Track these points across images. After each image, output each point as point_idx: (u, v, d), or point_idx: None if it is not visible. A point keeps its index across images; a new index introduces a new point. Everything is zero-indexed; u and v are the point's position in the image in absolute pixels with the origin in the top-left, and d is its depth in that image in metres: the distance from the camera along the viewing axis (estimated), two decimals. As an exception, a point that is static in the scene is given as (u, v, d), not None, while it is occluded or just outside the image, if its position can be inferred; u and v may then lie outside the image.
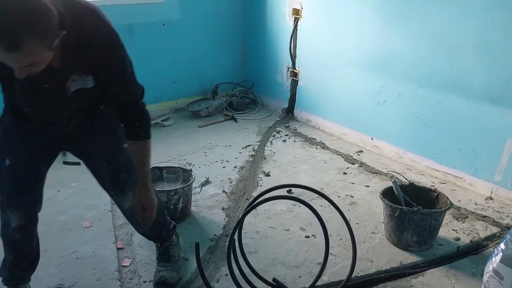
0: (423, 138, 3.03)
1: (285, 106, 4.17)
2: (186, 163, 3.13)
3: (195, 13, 4.08)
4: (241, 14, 4.39)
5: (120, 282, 1.98)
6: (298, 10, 3.77)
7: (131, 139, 1.57)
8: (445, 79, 2.82)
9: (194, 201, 2.61)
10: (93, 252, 2.17)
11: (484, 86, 2.62)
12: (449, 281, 2.02)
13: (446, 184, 2.89)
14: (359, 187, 2.86)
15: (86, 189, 2.73)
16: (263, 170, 3.07)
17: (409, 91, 3.05)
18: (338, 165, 3.17)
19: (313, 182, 2.91)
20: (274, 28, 4.10)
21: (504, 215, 2.54)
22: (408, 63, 3.01)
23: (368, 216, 2.54)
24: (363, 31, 3.27)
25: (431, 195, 2.31)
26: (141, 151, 1.58)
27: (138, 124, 1.55)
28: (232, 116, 4.09)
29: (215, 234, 2.34)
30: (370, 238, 2.34)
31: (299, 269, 2.09)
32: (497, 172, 2.66)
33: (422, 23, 2.86)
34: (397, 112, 3.17)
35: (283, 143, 3.56)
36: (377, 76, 3.25)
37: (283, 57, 4.07)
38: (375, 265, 2.13)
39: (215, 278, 2.01)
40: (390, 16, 3.06)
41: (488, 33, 2.55)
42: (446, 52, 2.77)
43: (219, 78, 4.39)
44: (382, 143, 3.33)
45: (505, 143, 2.59)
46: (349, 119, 3.56)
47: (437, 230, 2.21)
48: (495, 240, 2.32)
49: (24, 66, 1.16)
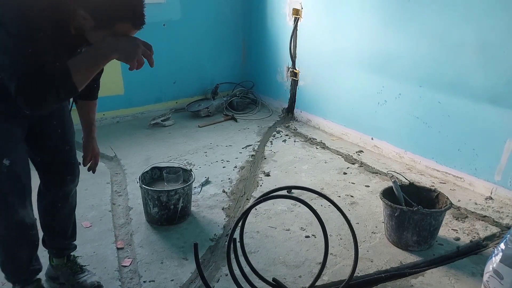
0: (423, 138, 3.04)
1: (285, 106, 4.17)
2: (186, 163, 3.13)
3: (195, 14, 4.09)
4: (241, 14, 4.40)
5: (120, 282, 1.99)
6: (298, 10, 3.77)
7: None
8: (445, 79, 2.82)
9: (194, 201, 2.61)
10: (94, 252, 2.17)
11: (484, 86, 2.62)
12: (449, 281, 2.02)
13: (446, 184, 2.90)
14: (359, 187, 2.86)
15: (87, 189, 2.73)
16: (263, 170, 3.08)
17: (410, 91, 3.05)
18: (338, 165, 3.17)
19: (314, 182, 2.91)
20: (274, 28, 4.11)
21: (504, 215, 2.54)
22: (409, 63, 3.01)
23: (368, 216, 2.54)
24: (363, 31, 3.27)
25: (431, 195, 2.32)
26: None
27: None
28: (232, 116, 4.10)
29: (215, 234, 2.34)
30: (370, 238, 2.34)
31: (299, 269, 2.09)
32: (497, 172, 2.67)
33: (422, 23, 2.87)
34: (397, 112, 3.17)
35: (284, 143, 3.56)
36: (377, 76, 3.25)
37: (283, 57, 4.07)
38: (375, 265, 2.13)
39: (215, 278, 2.01)
40: (390, 16, 3.06)
41: (488, 34, 2.55)
42: (446, 52, 2.77)
43: (219, 78, 4.40)
44: (382, 143, 3.34)
45: (504, 143, 2.59)
46: (350, 119, 3.57)
47: (437, 230, 2.21)
48: (495, 240, 2.32)
49: None
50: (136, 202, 2.61)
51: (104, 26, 1.32)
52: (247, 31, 4.44)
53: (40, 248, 1.77)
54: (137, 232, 2.34)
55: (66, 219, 1.89)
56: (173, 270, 2.07)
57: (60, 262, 1.94)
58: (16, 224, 1.57)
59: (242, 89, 4.47)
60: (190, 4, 4.02)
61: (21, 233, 1.62)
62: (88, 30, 1.34)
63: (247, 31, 4.44)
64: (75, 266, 1.95)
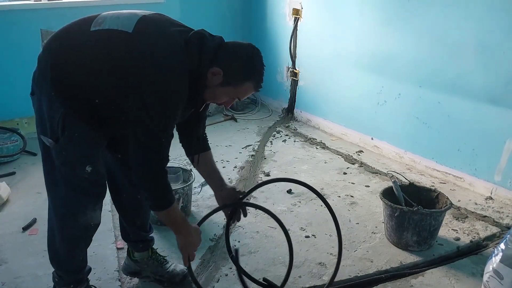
0: (423, 138, 3.03)
1: (285, 106, 4.17)
2: (186, 163, 3.13)
3: (195, 13, 4.08)
4: (241, 14, 4.39)
5: (120, 282, 1.99)
6: (298, 10, 3.77)
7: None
8: (445, 79, 2.82)
9: (194, 201, 2.61)
10: (94, 252, 2.16)
11: (484, 87, 2.62)
12: (449, 281, 2.02)
13: (446, 184, 2.90)
14: (359, 187, 2.86)
15: (86, 189, 2.73)
16: (263, 170, 3.07)
17: (409, 91, 3.05)
18: (338, 165, 3.17)
19: (313, 182, 2.91)
20: (274, 28, 4.11)
21: (504, 215, 2.54)
22: (408, 63, 3.01)
23: (368, 216, 2.54)
24: (363, 31, 3.27)
25: (431, 195, 2.32)
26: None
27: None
28: (232, 116, 4.09)
29: (215, 234, 2.34)
30: (370, 238, 2.34)
31: (299, 269, 2.09)
32: (497, 172, 2.67)
33: (422, 23, 2.87)
34: (397, 113, 3.17)
35: (283, 143, 3.56)
36: (377, 76, 3.25)
37: (283, 57, 4.07)
38: (375, 265, 2.13)
39: (215, 278, 2.01)
40: (391, 16, 3.06)
41: (488, 34, 2.55)
42: (446, 53, 2.77)
43: (219, 78, 4.39)
44: (382, 143, 3.33)
45: (504, 143, 2.59)
46: (349, 119, 3.56)
47: (437, 230, 2.21)
48: (495, 240, 2.32)
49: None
50: (136, 202, 2.60)
51: (231, 83, 1.48)
52: (246, 31, 4.44)
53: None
54: (137, 232, 2.34)
55: (147, 212, 1.93)
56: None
57: (145, 256, 1.96)
58: (83, 224, 1.63)
59: (242, 89, 4.47)
60: (190, 4, 4.02)
61: (85, 234, 1.68)
62: (212, 86, 1.48)
63: (247, 31, 4.43)
64: (160, 257, 1.99)
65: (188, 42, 1.44)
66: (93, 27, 1.45)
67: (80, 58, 1.44)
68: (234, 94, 1.51)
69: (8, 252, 2.13)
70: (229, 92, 1.50)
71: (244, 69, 1.48)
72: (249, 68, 1.49)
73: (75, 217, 1.60)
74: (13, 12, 3.28)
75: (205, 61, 1.45)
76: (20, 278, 1.97)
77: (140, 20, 1.45)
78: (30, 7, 3.34)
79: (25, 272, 1.98)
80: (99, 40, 1.44)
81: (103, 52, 1.43)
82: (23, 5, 3.32)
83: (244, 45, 1.52)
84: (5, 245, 2.17)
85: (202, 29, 1.49)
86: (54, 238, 1.66)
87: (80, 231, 1.65)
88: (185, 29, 1.51)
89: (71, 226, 1.62)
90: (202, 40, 1.46)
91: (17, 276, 1.98)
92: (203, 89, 1.49)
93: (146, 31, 1.44)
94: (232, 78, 1.47)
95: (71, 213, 1.59)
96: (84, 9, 3.44)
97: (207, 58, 1.45)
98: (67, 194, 1.57)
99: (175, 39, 1.44)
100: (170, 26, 1.49)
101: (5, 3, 3.28)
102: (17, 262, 2.07)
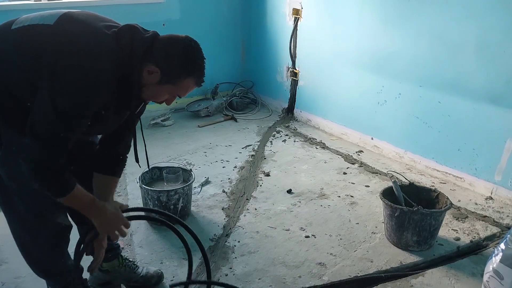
0: (423, 138, 3.03)
1: (285, 106, 4.17)
2: (186, 163, 3.13)
3: (195, 13, 4.08)
4: (241, 14, 4.39)
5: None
6: (298, 10, 3.77)
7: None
8: (445, 79, 2.82)
9: (194, 201, 2.61)
10: (93, 252, 2.17)
11: (484, 86, 2.62)
12: (449, 281, 2.02)
13: (446, 184, 2.89)
14: (359, 187, 2.86)
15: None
16: (263, 170, 3.07)
17: (410, 91, 3.05)
18: (338, 165, 3.17)
19: (313, 182, 2.91)
20: (274, 28, 4.10)
21: (504, 215, 2.54)
22: (409, 63, 3.01)
23: (368, 216, 2.54)
24: (363, 31, 3.27)
25: (431, 195, 2.31)
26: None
27: None
28: (232, 116, 4.09)
29: (215, 234, 2.34)
30: (370, 238, 2.34)
31: (299, 269, 2.09)
32: (497, 172, 2.66)
33: (422, 23, 2.86)
34: (397, 112, 3.17)
35: (283, 143, 3.56)
36: (377, 76, 3.25)
37: (283, 57, 4.07)
38: (375, 265, 2.13)
39: (215, 278, 2.01)
40: (391, 16, 3.06)
41: (488, 33, 2.55)
42: (447, 52, 2.77)
43: (219, 78, 4.39)
44: (382, 143, 3.33)
45: (505, 143, 2.59)
46: (349, 119, 3.56)
47: (437, 230, 2.21)
48: (495, 240, 2.32)
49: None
50: (136, 202, 2.60)
51: (170, 81, 1.38)
52: (247, 31, 4.44)
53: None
54: (136, 232, 2.34)
55: None
56: (173, 270, 2.07)
57: (115, 264, 1.89)
58: (58, 226, 1.58)
59: (242, 89, 4.47)
60: (189, 4, 4.02)
61: (63, 234, 1.63)
62: (150, 85, 1.38)
63: (247, 31, 4.44)
64: (130, 263, 1.93)
65: (118, 35, 1.34)
66: (14, 25, 1.36)
67: (1, 56, 1.35)
68: (174, 91, 1.42)
69: (8, 252, 2.13)
70: (168, 90, 1.41)
71: (183, 64, 1.37)
72: (188, 64, 1.38)
73: (49, 221, 1.54)
74: (13, 12, 3.28)
75: (137, 56, 1.33)
76: (20, 278, 1.97)
77: (63, 15, 1.37)
78: (30, 7, 3.34)
79: (25, 272, 1.98)
80: (18, 37, 1.34)
81: (24, 47, 1.33)
82: (23, 5, 3.33)
83: (180, 38, 1.39)
84: (5, 245, 2.17)
85: (134, 23, 1.39)
86: (31, 251, 1.61)
87: (58, 231, 1.60)
88: (114, 24, 1.40)
89: (43, 229, 1.55)
90: (133, 33, 1.35)
91: (17, 276, 1.99)
92: (140, 88, 1.39)
93: (69, 23, 1.34)
94: (170, 76, 1.37)
95: (37, 222, 1.53)
96: (84, 9, 3.44)
97: (139, 52, 1.33)
98: (25, 209, 1.49)
99: (101, 31, 1.34)
100: (97, 21, 1.38)
101: (5, 3, 3.29)
102: (17, 262, 2.05)
